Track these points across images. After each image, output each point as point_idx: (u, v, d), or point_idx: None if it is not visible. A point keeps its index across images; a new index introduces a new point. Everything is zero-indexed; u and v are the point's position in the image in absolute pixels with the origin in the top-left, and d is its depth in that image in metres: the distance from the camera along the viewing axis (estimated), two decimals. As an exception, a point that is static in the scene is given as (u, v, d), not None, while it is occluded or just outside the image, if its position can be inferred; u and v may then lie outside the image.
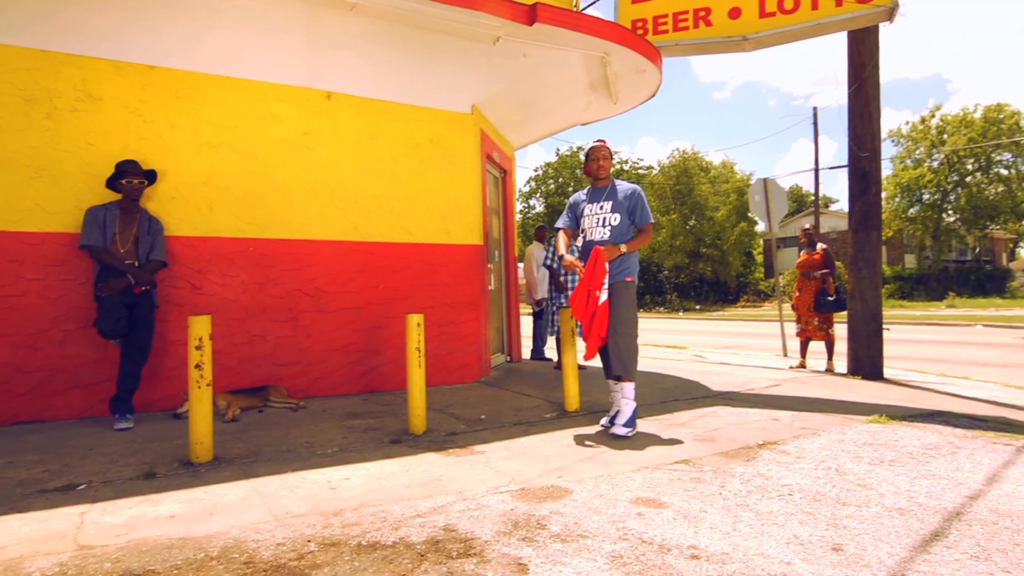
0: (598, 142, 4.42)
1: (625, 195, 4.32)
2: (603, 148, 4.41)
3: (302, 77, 5.68)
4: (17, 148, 4.59)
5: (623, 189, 4.35)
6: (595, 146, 4.42)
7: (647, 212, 4.30)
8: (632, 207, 4.29)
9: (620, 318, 4.16)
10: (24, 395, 4.53)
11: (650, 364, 8.27)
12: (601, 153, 4.40)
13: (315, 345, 5.68)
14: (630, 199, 4.31)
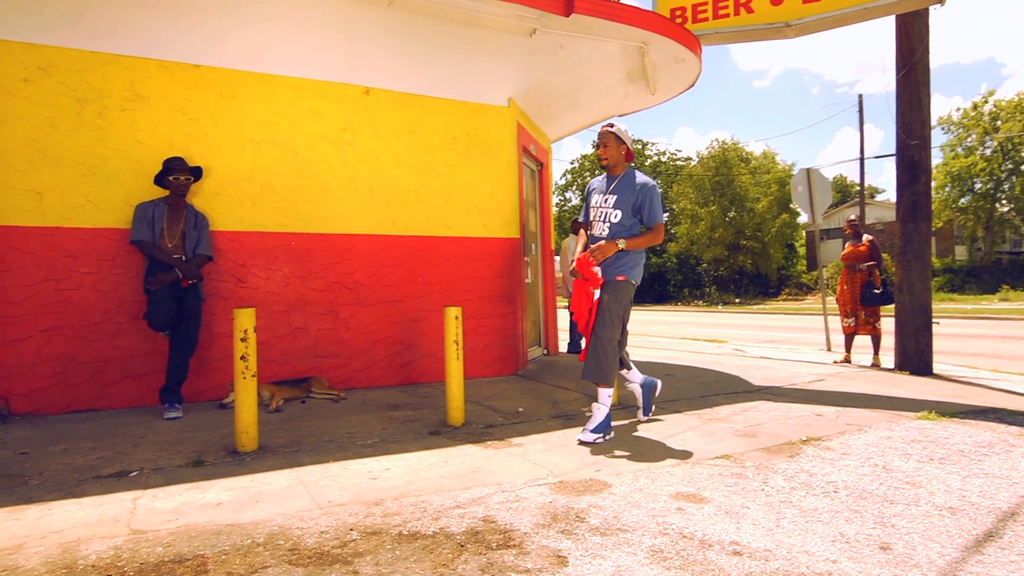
0: (604, 126, 3.99)
1: (634, 189, 3.89)
2: (606, 134, 3.94)
3: (341, 73, 5.75)
4: (70, 147, 4.76)
5: (635, 182, 3.92)
6: (600, 131, 4.01)
7: (656, 211, 3.88)
8: (639, 203, 3.88)
9: (600, 318, 3.82)
10: (79, 385, 4.71)
11: (689, 358, 8.17)
12: (603, 139, 3.96)
13: (355, 337, 5.76)
14: (639, 194, 3.88)
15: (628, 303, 3.96)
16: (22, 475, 3.19)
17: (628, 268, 3.89)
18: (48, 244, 4.66)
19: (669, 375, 6.53)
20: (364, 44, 5.68)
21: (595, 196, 4.02)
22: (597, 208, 3.98)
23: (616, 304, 3.84)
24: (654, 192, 3.89)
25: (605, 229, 3.94)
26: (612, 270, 3.88)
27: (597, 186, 4.08)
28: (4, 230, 4.54)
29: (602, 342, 3.79)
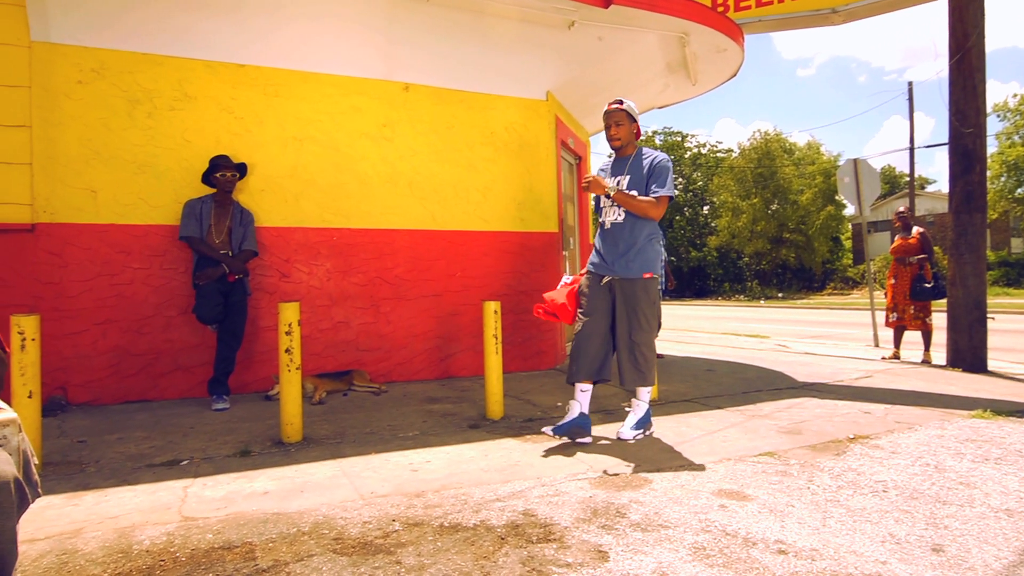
0: (612, 104, 3.66)
1: (649, 164, 3.61)
2: (616, 112, 3.64)
3: (380, 70, 5.81)
4: (122, 146, 4.92)
5: (647, 159, 3.63)
6: (606, 111, 3.69)
7: (668, 182, 3.54)
8: (652, 175, 3.58)
9: (635, 323, 3.57)
10: (132, 376, 4.88)
11: (730, 353, 8.05)
12: (613, 118, 3.65)
13: (395, 331, 5.83)
14: (653, 166, 3.59)
15: (659, 299, 3.78)
16: (80, 462, 3.32)
17: (652, 262, 3.65)
18: (103, 240, 4.83)
19: (710, 371, 6.45)
20: (403, 41, 5.72)
21: (606, 181, 3.72)
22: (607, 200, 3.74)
23: (651, 305, 3.62)
24: (668, 165, 3.61)
25: (620, 215, 3.64)
26: (638, 266, 3.60)
27: (606, 170, 3.83)
28: (61, 227, 4.73)
29: (641, 348, 3.58)
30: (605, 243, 3.71)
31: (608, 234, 3.70)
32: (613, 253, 3.64)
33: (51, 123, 4.72)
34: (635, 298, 3.59)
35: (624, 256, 3.61)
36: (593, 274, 3.75)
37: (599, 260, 3.73)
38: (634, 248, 3.60)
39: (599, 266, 3.72)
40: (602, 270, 3.70)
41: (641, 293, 3.58)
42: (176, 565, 2.08)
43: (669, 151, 41.77)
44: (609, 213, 3.69)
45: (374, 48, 5.69)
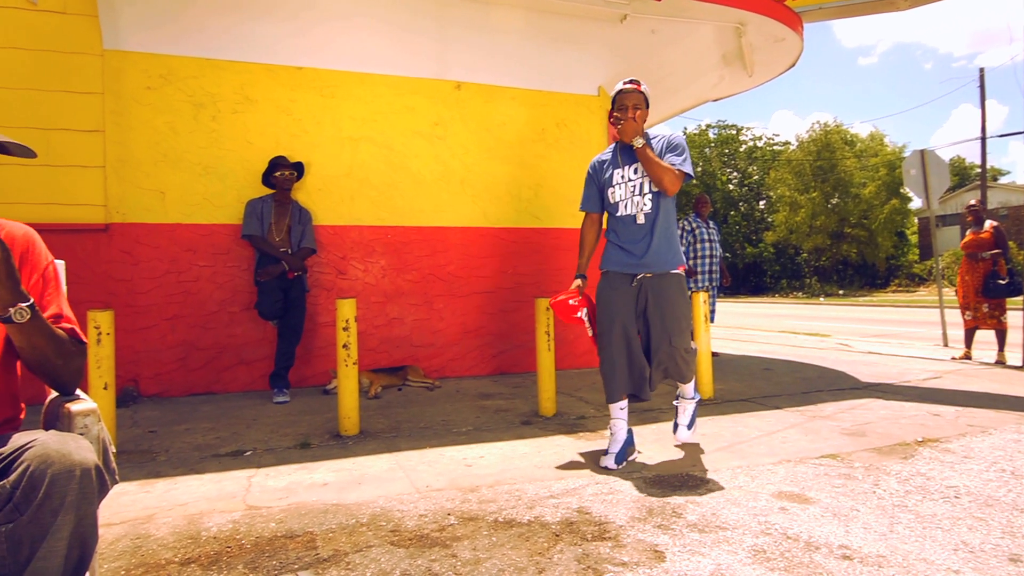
0: (628, 84, 3.22)
1: (659, 147, 3.19)
2: (634, 93, 3.19)
3: (433, 69, 5.87)
4: (188, 149, 5.12)
5: (658, 140, 3.23)
6: (623, 90, 3.21)
7: (684, 157, 3.18)
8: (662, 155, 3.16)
9: (677, 326, 3.18)
10: (198, 370, 5.08)
11: (788, 352, 7.83)
12: (631, 100, 3.17)
13: (448, 328, 5.90)
14: (666, 146, 3.19)
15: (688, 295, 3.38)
16: (151, 451, 3.48)
17: (680, 254, 3.30)
18: (171, 239, 5.04)
19: (767, 369, 6.28)
20: (455, 40, 5.77)
21: (616, 172, 3.27)
22: (623, 184, 3.24)
23: (686, 303, 3.26)
24: (684, 141, 3.25)
25: (645, 206, 3.18)
26: (671, 257, 3.23)
27: (612, 159, 3.34)
28: (133, 227, 4.96)
29: (680, 353, 3.20)
30: (629, 236, 3.23)
31: (633, 226, 3.22)
32: (642, 246, 3.19)
33: (122, 128, 4.96)
34: (671, 296, 3.19)
35: (657, 249, 3.20)
36: (616, 274, 3.25)
37: (624, 256, 3.23)
38: (664, 239, 3.22)
39: (626, 263, 3.22)
40: (630, 267, 3.21)
41: (676, 290, 3.21)
42: (242, 552, 2.16)
43: (723, 145, 40.87)
44: (633, 204, 3.22)
45: (427, 48, 5.75)
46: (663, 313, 3.18)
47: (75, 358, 1.48)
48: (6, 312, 1.27)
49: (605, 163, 3.35)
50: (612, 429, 3.24)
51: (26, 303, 1.30)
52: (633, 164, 3.22)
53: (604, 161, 3.37)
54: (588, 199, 3.41)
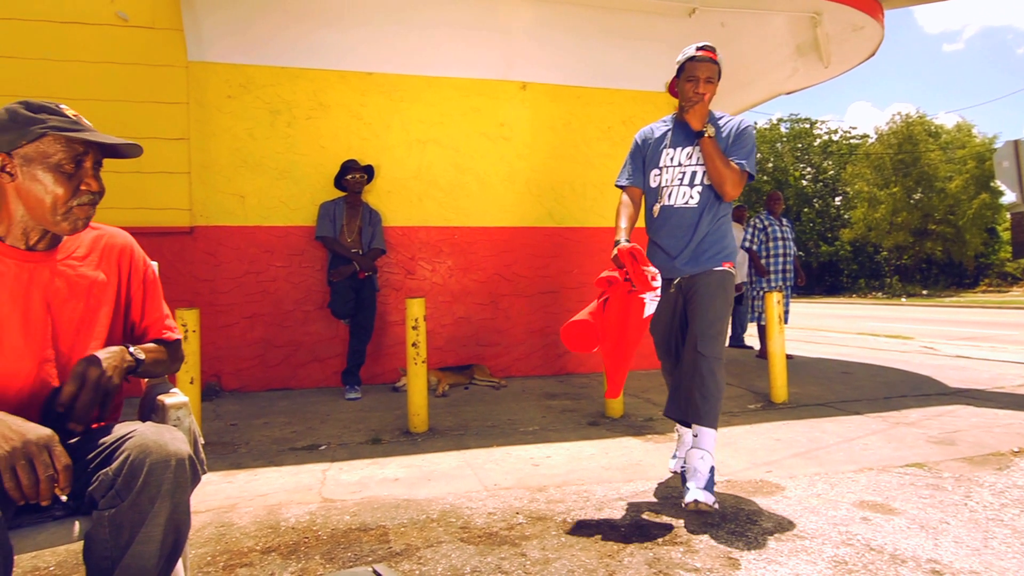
0: (701, 50, 2.71)
1: (727, 131, 2.74)
2: (708, 64, 2.69)
3: (499, 70, 5.91)
4: (266, 154, 5.34)
5: (726, 123, 2.77)
6: (695, 58, 2.69)
7: (751, 156, 2.71)
8: (727, 145, 2.72)
9: (710, 330, 2.66)
10: (275, 366, 5.29)
11: (868, 355, 7.48)
12: (705, 71, 2.68)
13: (514, 327, 5.92)
14: (734, 136, 2.72)
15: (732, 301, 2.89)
16: (232, 443, 3.65)
17: (733, 250, 2.81)
18: (250, 241, 5.27)
19: (845, 373, 6.02)
20: (521, 40, 5.79)
21: (665, 152, 2.79)
22: (673, 168, 2.77)
23: (725, 304, 2.72)
24: (752, 133, 2.76)
25: (692, 198, 2.73)
26: (714, 253, 2.74)
27: (663, 136, 2.83)
28: (215, 229, 5.20)
29: (712, 365, 2.63)
30: (668, 232, 2.79)
31: (673, 221, 2.76)
32: (680, 244, 2.75)
33: (205, 135, 5.21)
34: (708, 293, 2.69)
35: (698, 245, 2.73)
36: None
37: (663, 258, 2.80)
38: (710, 234, 2.75)
39: (664, 268, 2.76)
40: (667, 271, 2.78)
41: (717, 288, 2.69)
42: (318, 543, 2.23)
43: (796, 139, 39.40)
44: (678, 194, 2.75)
45: (493, 50, 5.79)
46: (694, 312, 2.71)
47: (175, 361, 1.63)
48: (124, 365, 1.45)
49: (656, 138, 2.85)
50: (679, 431, 3.05)
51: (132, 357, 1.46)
52: (688, 147, 2.75)
53: (655, 135, 2.87)
54: (632, 172, 2.88)
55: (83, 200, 1.38)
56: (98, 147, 1.42)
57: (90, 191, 1.39)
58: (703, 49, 2.72)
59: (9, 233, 1.39)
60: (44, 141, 1.34)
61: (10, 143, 1.33)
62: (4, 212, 1.38)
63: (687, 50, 2.75)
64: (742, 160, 2.69)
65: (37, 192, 1.35)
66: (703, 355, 2.63)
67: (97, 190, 1.41)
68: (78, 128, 1.36)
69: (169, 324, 1.63)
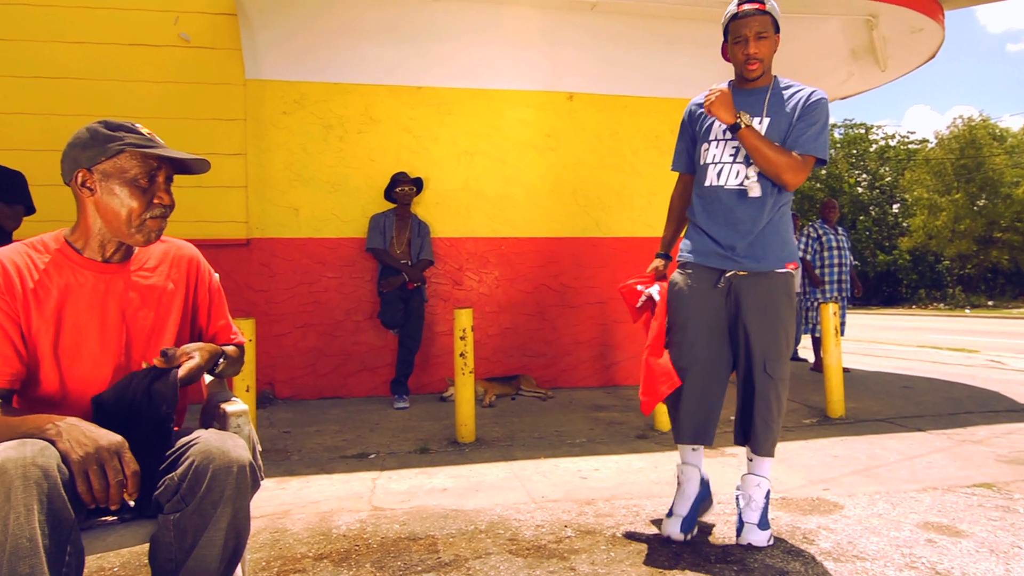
0: (746, 3, 2.26)
1: (795, 103, 2.29)
2: (756, 17, 2.24)
3: (545, 81, 5.93)
4: (319, 168, 5.48)
5: (796, 92, 2.33)
6: (739, 15, 2.26)
7: (821, 136, 2.27)
8: (796, 120, 2.27)
9: (775, 347, 2.29)
10: (327, 375, 5.40)
11: (930, 369, 7.18)
12: (754, 27, 2.25)
13: (560, 338, 5.90)
14: (804, 109, 2.27)
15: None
16: (285, 451, 3.73)
17: (795, 248, 2.41)
18: (303, 253, 5.41)
19: (906, 387, 5.79)
20: (567, 51, 5.80)
21: (717, 124, 2.37)
22: (722, 143, 2.35)
23: (791, 313, 2.34)
24: (827, 109, 2.30)
25: (750, 175, 2.26)
26: (777, 250, 2.32)
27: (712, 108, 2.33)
28: (270, 241, 5.36)
29: (780, 388, 2.31)
30: (722, 217, 2.34)
31: (726, 204, 2.33)
32: (736, 233, 2.31)
33: (261, 150, 5.38)
34: (773, 303, 2.29)
35: (762, 238, 2.31)
36: (698, 268, 2.38)
37: (711, 244, 2.36)
38: (772, 224, 2.33)
39: (712, 254, 2.35)
40: (719, 260, 2.34)
41: (782, 295, 2.31)
42: (369, 551, 2.26)
43: (850, 145, 38.29)
44: (732, 172, 2.32)
45: (539, 61, 5.82)
46: (758, 324, 2.28)
47: (240, 363, 1.74)
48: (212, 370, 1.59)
49: (702, 114, 2.44)
50: (680, 479, 2.43)
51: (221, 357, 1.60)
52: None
53: (702, 112, 2.44)
54: (681, 154, 2.59)
55: (156, 213, 1.46)
56: (170, 163, 1.49)
57: (162, 204, 1.46)
58: (747, 1, 2.25)
59: (87, 246, 1.47)
60: (121, 157, 1.42)
61: (90, 159, 1.41)
62: (82, 226, 1.47)
63: (730, 8, 2.31)
64: (808, 135, 2.25)
65: (114, 205, 1.42)
66: (771, 377, 2.28)
67: (169, 203, 1.48)
68: (152, 145, 1.44)
69: (234, 330, 1.71)
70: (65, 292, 1.42)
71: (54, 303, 1.41)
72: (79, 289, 1.43)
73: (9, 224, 3.83)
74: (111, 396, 1.38)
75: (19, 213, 3.87)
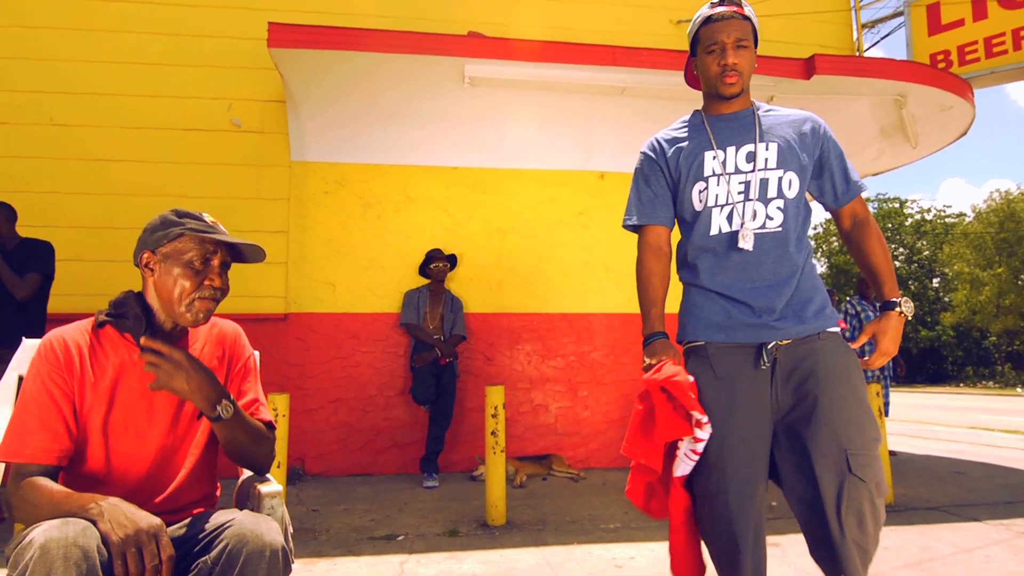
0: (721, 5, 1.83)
1: (800, 129, 1.85)
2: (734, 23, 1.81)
3: (577, 161, 6.10)
4: (356, 244, 5.65)
5: (788, 118, 1.89)
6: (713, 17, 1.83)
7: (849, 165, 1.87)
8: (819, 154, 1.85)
9: (864, 437, 1.62)
10: (357, 451, 5.37)
11: (983, 452, 6.83)
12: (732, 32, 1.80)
13: (593, 417, 5.81)
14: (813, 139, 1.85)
15: None
16: (313, 530, 3.68)
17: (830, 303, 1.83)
18: (338, 327, 5.50)
19: (959, 473, 5.50)
20: (598, 132, 5.98)
21: (708, 156, 1.85)
22: (725, 178, 1.82)
23: (865, 389, 1.70)
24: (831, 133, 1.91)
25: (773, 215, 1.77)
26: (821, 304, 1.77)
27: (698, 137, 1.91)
28: (307, 316, 5.47)
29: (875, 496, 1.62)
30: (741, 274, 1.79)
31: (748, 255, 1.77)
32: (769, 290, 1.75)
33: (303, 228, 5.58)
34: (844, 374, 1.67)
35: (796, 290, 1.76)
36: (724, 349, 1.76)
37: (736, 312, 1.76)
38: (808, 274, 1.81)
39: (739, 326, 1.75)
40: (750, 332, 1.74)
41: (852, 363, 1.72)
42: (396, 641, 2.18)
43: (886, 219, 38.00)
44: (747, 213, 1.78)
45: (571, 142, 6.01)
46: (831, 408, 1.61)
47: (268, 443, 1.65)
48: (214, 411, 1.45)
49: (687, 141, 1.92)
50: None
51: (228, 400, 1.48)
52: (746, 145, 1.82)
53: (683, 138, 1.95)
54: (651, 203, 1.97)
55: (205, 294, 1.52)
56: (227, 249, 1.57)
57: (213, 286, 1.53)
58: (723, 3, 1.83)
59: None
60: (181, 240, 1.51)
61: (155, 242, 1.52)
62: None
63: (701, 11, 1.88)
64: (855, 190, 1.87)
65: (168, 285, 1.50)
66: (862, 480, 1.58)
67: (220, 286, 1.54)
68: (212, 231, 1.52)
69: (262, 407, 1.71)
70: (120, 370, 1.48)
71: (109, 380, 1.47)
72: (133, 367, 1.49)
73: (20, 292, 3.97)
74: None
75: (34, 282, 4.04)
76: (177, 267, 1.50)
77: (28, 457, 1.36)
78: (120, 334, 1.51)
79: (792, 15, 6.59)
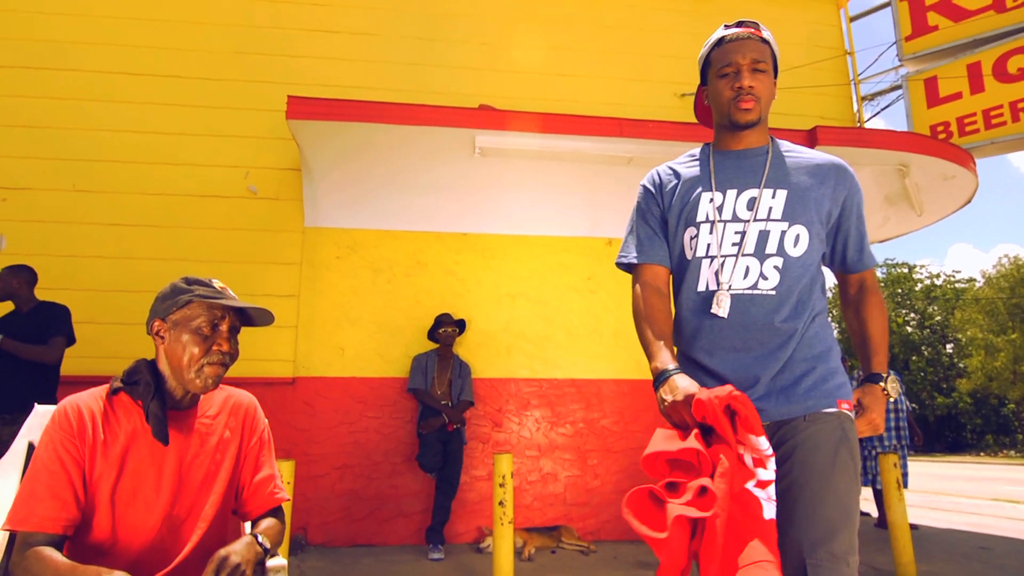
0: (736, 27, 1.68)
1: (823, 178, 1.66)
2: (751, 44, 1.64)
3: (584, 228, 6.18)
4: (366, 309, 5.68)
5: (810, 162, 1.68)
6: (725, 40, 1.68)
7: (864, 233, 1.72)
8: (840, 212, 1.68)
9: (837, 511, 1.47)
10: (361, 520, 5.24)
11: (1009, 526, 6.59)
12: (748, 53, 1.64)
13: (603, 486, 5.67)
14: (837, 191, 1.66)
15: None
16: (316, 604, 3.55)
17: (846, 378, 1.64)
18: (345, 392, 5.47)
19: (984, 548, 5.29)
20: (605, 199, 6.08)
21: (705, 198, 1.68)
22: (724, 224, 1.65)
23: (857, 479, 1.54)
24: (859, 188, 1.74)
25: (767, 278, 1.59)
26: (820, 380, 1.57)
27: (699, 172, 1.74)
28: (314, 380, 5.46)
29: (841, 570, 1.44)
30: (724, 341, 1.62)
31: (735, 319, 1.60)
32: (754, 362, 1.58)
33: (314, 292, 5.64)
34: (823, 462, 1.51)
35: (787, 364, 1.58)
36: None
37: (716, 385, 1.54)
38: (806, 343, 1.60)
39: None
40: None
41: (840, 447, 1.52)
42: None
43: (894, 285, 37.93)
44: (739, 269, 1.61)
45: (579, 209, 6.11)
46: (800, 511, 1.48)
47: (282, 533, 1.66)
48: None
49: (686, 177, 1.76)
50: None
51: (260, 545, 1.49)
52: (749, 190, 1.65)
53: (683, 174, 1.77)
54: (648, 239, 1.79)
55: (214, 359, 1.53)
56: (235, 313, 1.59)
57: (221, 351, 1.54)
58: (739, 25, 1.67)
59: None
60: (190, 307, 1.53)
61: (166, 310, 1.54)
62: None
63: (714, 34, 1.72)
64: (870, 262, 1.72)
65: (177, 351, 1.51)
66: (833, 555, 1.43)
67: (228, 351, 1.56)
68: (220, 296, 1.55)
69: (278, 485, 1.70)
70: (131, 438, 1.48)
71: (120, 448, 1.47)
72: (144, 435, 1.49)
73: (49, 358, 4.01)
74: None
75: (60, 346, 4.09)
76: (186, 333, 1.52)
77: (35, 526, 1.35)
78: (134, 401, 1.52)
79: (793, 88, 6.79)
